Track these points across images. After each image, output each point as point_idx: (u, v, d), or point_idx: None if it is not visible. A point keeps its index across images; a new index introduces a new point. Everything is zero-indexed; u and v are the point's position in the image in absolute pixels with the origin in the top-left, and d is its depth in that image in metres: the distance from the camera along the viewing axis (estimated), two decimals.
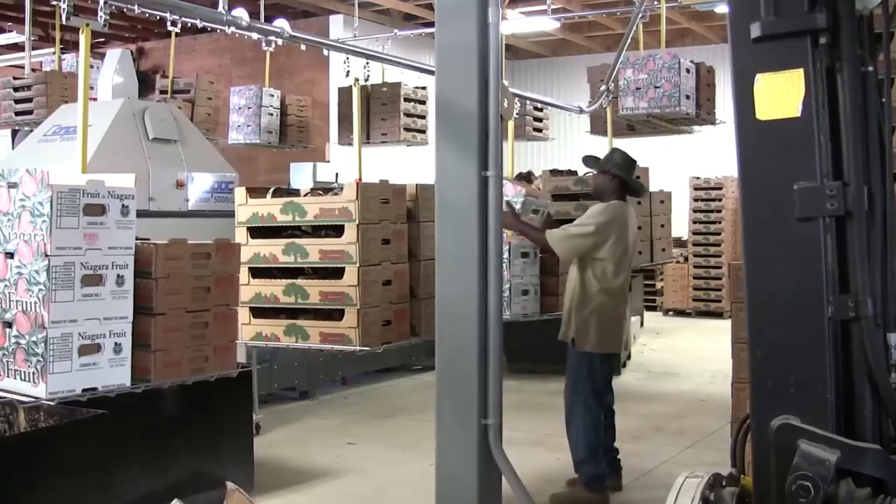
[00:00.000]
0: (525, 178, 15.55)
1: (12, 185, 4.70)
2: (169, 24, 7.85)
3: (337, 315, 6.11)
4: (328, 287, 6.09)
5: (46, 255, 4.47)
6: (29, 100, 14.03)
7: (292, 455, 8.38)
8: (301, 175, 16.16)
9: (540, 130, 15.78)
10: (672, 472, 4.56)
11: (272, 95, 15.52)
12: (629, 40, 11.47)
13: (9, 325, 4.67)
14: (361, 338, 6.02)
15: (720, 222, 18.06)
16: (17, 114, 14.28)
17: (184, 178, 10.21)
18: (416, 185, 6.51)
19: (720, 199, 18.05)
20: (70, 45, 21.70)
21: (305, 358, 10.09)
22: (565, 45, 22.65)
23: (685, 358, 13.75)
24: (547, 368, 11.87)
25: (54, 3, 9.36)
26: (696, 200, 18.20)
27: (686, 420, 9.51)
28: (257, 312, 6.43)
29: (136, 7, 7.26)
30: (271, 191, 6.52)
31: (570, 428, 7.07)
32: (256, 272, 6.39)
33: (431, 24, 7.24)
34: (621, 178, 7.05)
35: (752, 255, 3.51)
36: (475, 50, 5.41)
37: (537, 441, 8.70)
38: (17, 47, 19.15)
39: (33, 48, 16.34)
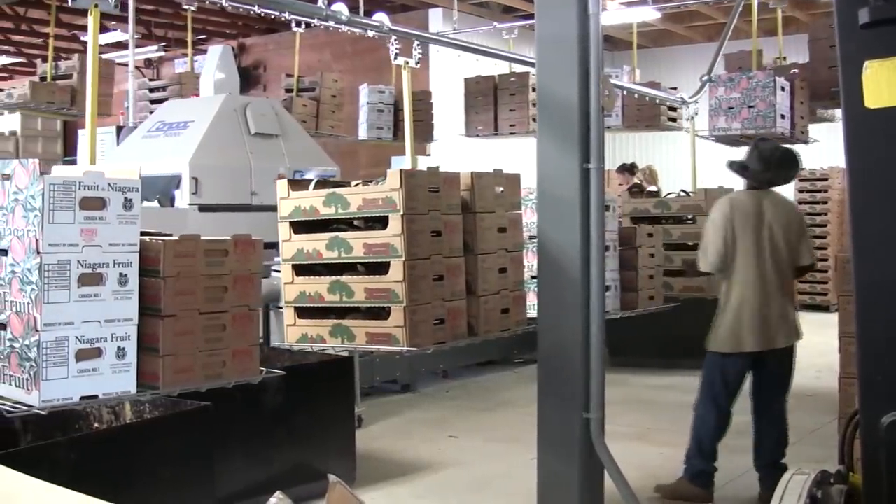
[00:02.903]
0: (628, 169, 15.46)
1: (6, 177, 4.35)
2: (293, 24, 7.91)
3: (385, 314, 5.70)
4: (373, 284, 5.69)
5: (38, 253, 4.12)
6: (164, 100, 14.29)
7: (394, 448, 8.41)
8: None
9: (675, 120, 15.64)
10: None
11: (382, 92, 15.60)
12: (731, 30, 11.29)
13: (3, 327, 4.32)
14: (409, 338, 5.58)
15: (826, 214, 17.77)
16: (150, 114, 14.63)
17: (285, 173, 10.30)
18: (472, 173, 6.12)
19: (826, 191, 17.76)
20: (173, 42, 22.09)
21: None
22: (666, 36, 22.44)
23: None
24: (651, 362, 11.80)
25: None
26: (801, 192, 17.92)
27: (792, 415, 9.31)
28: (303, 312, 6.07)
29: (238, 4, 7.30)
30: (314, 182, 6.18)
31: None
32: (300, 269, 6.05)
33: (531, 17, 7.20)
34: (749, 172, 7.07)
35: (861, 247, 3.43)
36: (576, 41, 5.38)
37: (640, 435, 8.62)
38: (121, 45, 19.50)
39: (136, 46, 16.64)
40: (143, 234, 4.50)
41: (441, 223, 5.78)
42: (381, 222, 5.66)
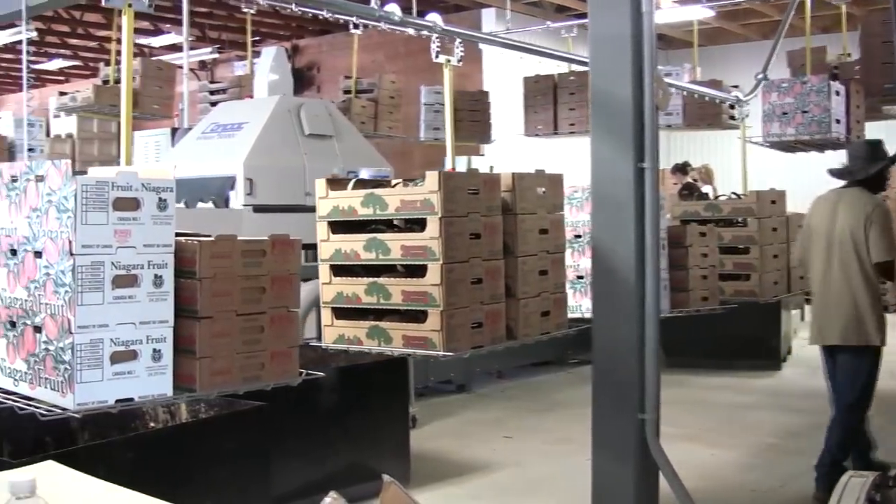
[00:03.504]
0: (680, 169, 15.39)
1: (39, 178, 4.26)
2: (351, 26, 7.95)
3: (422, 317, 5.52)
4: (410, 286, 5.52)
5: (71, 254, 4.02)
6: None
7: (448, 448, 8.41)
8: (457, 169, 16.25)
9: (734, 118, 15.52)
10: None
11: (438, 92, 15.65)
12: (786, 27, 11.18)
13: (38, 329, 4.25)
14: (445, 342, 5.38)
15: None
16: None
17: (339, 173, 10.32)
18: (513, 174, 5.89)
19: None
20: (226, 44, 22.22)
21: None
22: (721, 34, 22.29)
23: None
24: (707, 363, 11.75)
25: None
26: None
27: None
28: (340, 313, 5.89)
29: (290, 5, 7.33)
30: (352, 182, 6.03)
31: None
32: (338, 270, 5.87)
33: (584, 16, 7.15)
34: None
35: None
36: (629, 40, 5.36)
37: (694, 437, 8.57)
38: (175, 47, 19.69)
39: (191, 48, 16.81)
40: (178, 234, 4.43)
41: (480, 225, 5.62)
42: (420, 224, 5.52)
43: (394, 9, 7.61)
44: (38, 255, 4.26)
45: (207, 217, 8.62)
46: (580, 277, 6.76)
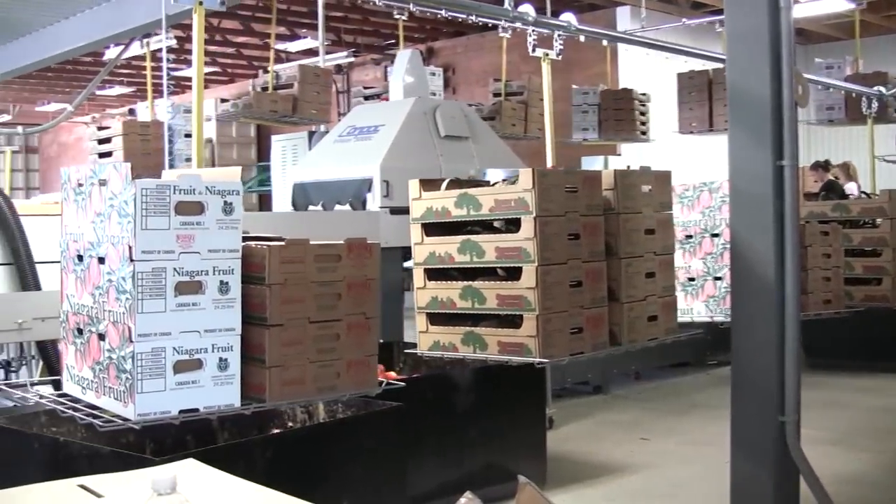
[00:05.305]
0: (822, 166, 15.09)
1: (102, 183, 4.20)
2: (500, 29, 7.98)
3: (518, 321, 5.34)
4: (506, 290, 5.34)
5: (132, 260, 3.94)
6: None
7: (584, 450, 8.36)
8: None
9: None
10: None
11: (586, 93, 15.58)
12: None
13: (102, 337, 4.19)
14: (542, 348, 5.22)
15: None
16: None
17: (475, 175, 10.34)
18: (615, 171, 5.71)
19: None
20: (362, 48, 22.44)
21: None
22: (862, 27, 21.78)
23: None
24: (851, 364, 11.49)
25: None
26: None
27: None
28: (436, 319, 5.75)
29: (427, 8, 7.39)
30: (446, 182, 5.88)
31: None
32: (432, 274, 5.72)
33: (720, 12, 7.06)
34: None
35: None
36: (767, 36, 5.28)
37: (836, 440, 8.38)
38: (311, 52, 19.97)
39: (326, 52, 17.03)
40: (248, 238, 4.38)
41: (579, 225, 5.42)
42: (516, 224, 5.33)
43: (528, 9, 7.62)
44: (101, 260, 4.22)
45: (344, 219, 8.71)
46: (691, 279, 6.66)
